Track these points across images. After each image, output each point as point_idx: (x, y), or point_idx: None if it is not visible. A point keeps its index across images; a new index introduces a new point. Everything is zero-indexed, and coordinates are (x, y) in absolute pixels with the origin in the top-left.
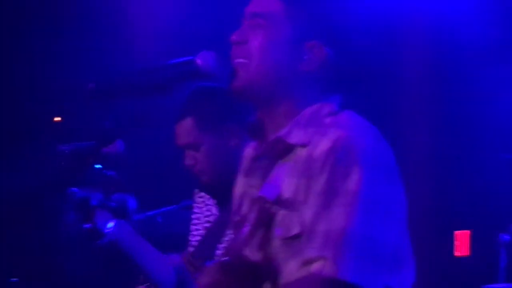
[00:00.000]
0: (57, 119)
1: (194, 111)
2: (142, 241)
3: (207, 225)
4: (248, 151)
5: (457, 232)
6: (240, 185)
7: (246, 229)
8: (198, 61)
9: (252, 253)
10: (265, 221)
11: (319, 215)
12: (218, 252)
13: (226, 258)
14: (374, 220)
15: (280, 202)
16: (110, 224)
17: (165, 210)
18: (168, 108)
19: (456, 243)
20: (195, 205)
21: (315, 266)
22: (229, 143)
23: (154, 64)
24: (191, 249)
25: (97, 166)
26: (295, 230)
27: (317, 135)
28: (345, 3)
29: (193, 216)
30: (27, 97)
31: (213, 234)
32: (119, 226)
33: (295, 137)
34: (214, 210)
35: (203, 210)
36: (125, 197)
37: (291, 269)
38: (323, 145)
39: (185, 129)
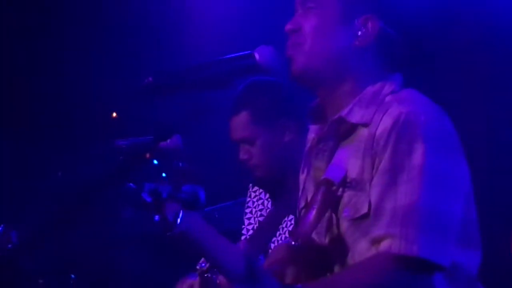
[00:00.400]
0: (114, 115)
1: (249, 105)
2: (213, 231)
3: (260, 218)
4: (311, 135)
5: None
6: (305, 169)
7: (313, 212)
8: (256, 56)
9: (319, 237)
10: (332, 204)
11: (385, 193)
12: (272, 245)
13: (295, 242)
14: (440, 194)
15: (346, 183)
16: (180, 216)
17: (222, 206)
18: (226, 103)
19: None
20: (248, 198)
21: (384, 244)
22: (284, 138)
23: (212, 59)
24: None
25: (155, 161)
26: (363, 210)
27: (378, 113)
28: None
29: (246, 210)
30: (85, 94)
31: (266, 227)
32: (189, 217)
33: (357, 116)
34: (267, 204)
35: (257, 203)
36: (196, 188)
37: (361, 249)
38: (385, 122)
39: (240, 123)
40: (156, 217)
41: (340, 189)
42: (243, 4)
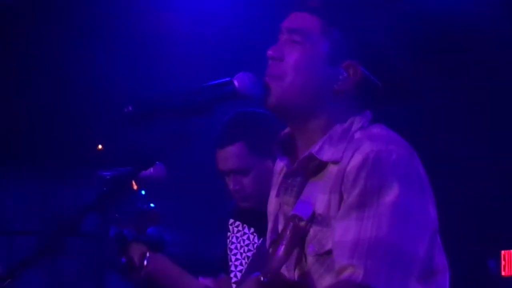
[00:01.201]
0: (100, 147)
1: (243, 136)
2: (177, 269)
3: (248, 254)
4: (279, 166)
5: (504, 252)
6: (273, 202)
7: (282, 247)
8: (236, 82)
9: (289, 272)
10: (300, 239)
11: (349, 227)
12: None
13: (264, 277)
14: (407, 233)
15: (314, 219)
16: (146, 258)
17: None
18: (205, 131)
19: (503, 263)
20: (231, 234)
21: (345, 274)
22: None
23: (192, 86)
24: (234, 279)
25: (143, 192)
26: (327, 246)
27: (348, 150)
28: (383, 21)
29: (231, 246)
30: (71, 123)
31: (258, 262)
32: (154, 259)
33: (327, 154)
34: (253, 238)
35: (241, 239)
36: (160, 230)
37: (326, 285)
38: (355, 159)
39: (235, 154)
40: (123, 260)
41: (309, 225)
42: (222, 30)
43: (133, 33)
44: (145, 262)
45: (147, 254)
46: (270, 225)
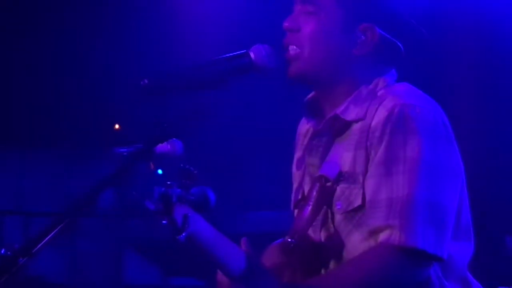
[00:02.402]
0: (117, 127)
1: None
2: (216, 233)
3: None
4: (304, 128)
5: None
6: (298, 163)
7: (309, 208)
8: (252, 54)
9: (314, 233)
10: (327, 200)
11: (380, 184)
12: None
13: (291, 239)
14: (436, 185)
15: (340, 178)
16: (188, 219)
17: None
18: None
19: None
20: None
21: (382, 236)
22: None
23: (208, 58)
24: None
25: (160, 171)
26: (357, 203)
27: (372, 106)
28: None
29: None
30: (86, 103)
31: None
32: (194, 220)
33: (352, 114)
34: None
35: None
36: (205, 190)
37: (354, 242)
38: (379, 114)
39: None
40: (164, 221)
41: (335, 186)
42: (238, 3)
43: (146, 11)
44: (188, 224)
45: (189, 215)
46: (294, 186)
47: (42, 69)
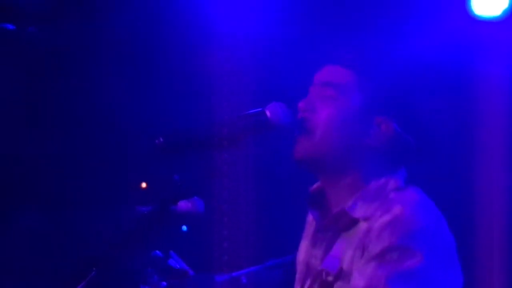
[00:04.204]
0: (144, 185)
1: None
2: None
3: None
4: (310, 218)
5: None
6: (303, 252)
7: None
8: (268, 113)
9: None
10: None
11: (364, 274)
12: None
13: None
14: None
15: (340, 275)
16: None
17: (249, 270)
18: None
19: None
20: None
21: None
22: None
23: (224, 116)
24: None
25: (184, 228)
26: None
27: (380, 209)
28: (415, 77)
29: None
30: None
31: None
32: None
33: (360, 211)
34: None
35: None
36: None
37: None
38: (383, 218)
39: None
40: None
41: (336, 281)
42: (255, 61)
43: (167, 69)
44: None
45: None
46: (297, 275)
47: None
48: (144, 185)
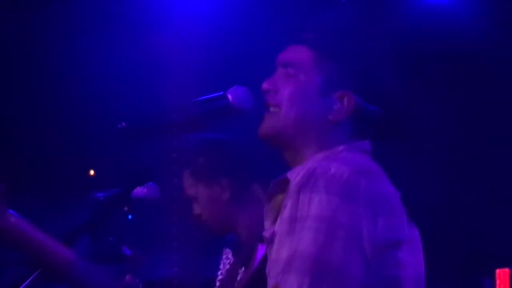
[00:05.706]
0: (92, 173)
1: (190, 164)
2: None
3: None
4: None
5: (499, 271)
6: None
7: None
8: (229, 96)
9: None
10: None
11: (282, 243)
12: None
13: None
14: (328, 244)
15: (273, 238)
16: None
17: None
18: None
19: (498, 281)
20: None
21: None
22: (223, 196)
23: (186, 100)
24: None
25: (129, 217)
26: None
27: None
28: (377, 50)
29: (218, 272)
30: (61, 146)
31: (226, 281)
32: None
33: (294, 173)
34: (231, 256)
35: (225, 263)
36: None
37: None
38: (298, 176)
39: (185, 181)
40: None
41: (271, 246)
42: (218, 43)
43: (124, 51)
44: None
45: None
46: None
47: (15, 112)
48: (92, 172)
